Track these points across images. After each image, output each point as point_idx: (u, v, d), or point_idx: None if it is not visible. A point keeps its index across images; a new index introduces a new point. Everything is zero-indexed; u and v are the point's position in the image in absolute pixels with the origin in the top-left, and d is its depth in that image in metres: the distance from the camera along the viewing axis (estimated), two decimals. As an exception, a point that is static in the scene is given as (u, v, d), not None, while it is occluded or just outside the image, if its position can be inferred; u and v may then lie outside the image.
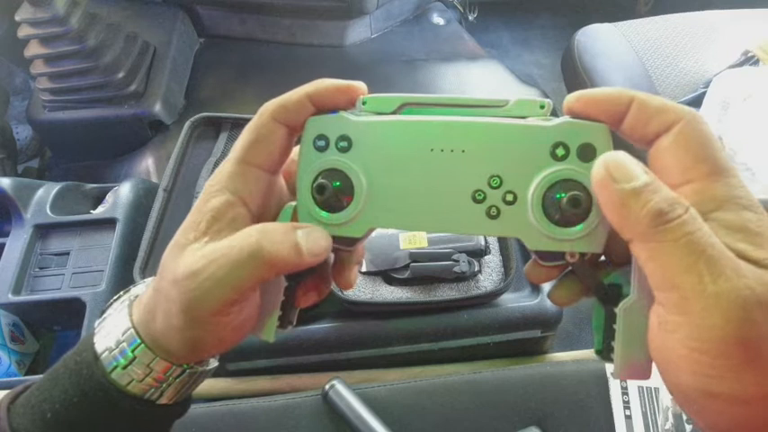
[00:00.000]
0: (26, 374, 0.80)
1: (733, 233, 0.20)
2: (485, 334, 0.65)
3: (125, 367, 0.26)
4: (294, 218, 0.26)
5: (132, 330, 0.26)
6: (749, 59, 0.86)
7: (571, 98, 0.24)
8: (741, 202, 0.21)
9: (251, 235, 0.24)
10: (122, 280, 0.76)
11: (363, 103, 0.26)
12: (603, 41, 1.00)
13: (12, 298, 0.74)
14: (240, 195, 0.25)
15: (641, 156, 0.22)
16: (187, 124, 0.79)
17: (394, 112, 0.26)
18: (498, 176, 0.24)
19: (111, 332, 0.27)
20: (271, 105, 0.25)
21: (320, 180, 0.25)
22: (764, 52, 0.84)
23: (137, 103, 1.18)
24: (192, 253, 0.24)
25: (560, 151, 0.23)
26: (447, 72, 1.34)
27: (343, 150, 0.25)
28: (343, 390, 0.57)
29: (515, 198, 0.24)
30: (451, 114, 0.25)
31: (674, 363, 0.20)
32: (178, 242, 0.25)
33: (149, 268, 0.67)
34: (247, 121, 0.26)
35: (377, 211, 0.25)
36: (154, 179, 1.13)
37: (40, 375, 0.29)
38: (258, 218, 0.26)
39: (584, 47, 1.01)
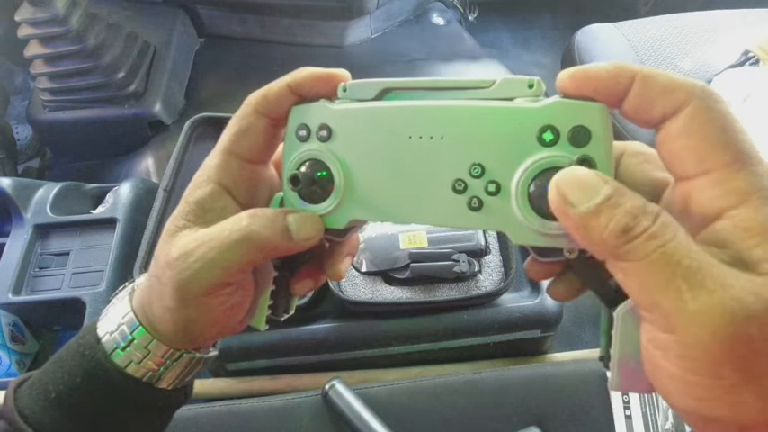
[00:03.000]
0: (26, 374, 0.80)
1: (751, 236, 0.17)
2: (485, 334, 0.65)
3: (124, 349, 0.27)
4: (283, 207, 0.26)
5: (132, 314, 0.27)
6: (749, 59, 0.86)
7: (563, 76, 0.21)
8: (765, 195, 0.17)
9: (242, 219, 0.24)
10: (122, 280, 0.76)
11: (344, 90, 0.25)
12: (603, 41, 1.00)
13: (12, 298, 0.74)
14: (225, 186, 0.25)
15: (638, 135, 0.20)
16: (187, 124, 0.79)
17: (375, 99, 0.24)
18: (480, 165, 0.22)
19: (112, 318, 0.27)
20: (253, 97, 0.26)
21: (293, 171, 0.25)
22: (764, 52, 0.84)
23: (137, 103, 1.18)
24: (184, 237, 0.25)
25: (549, 136, 0.20)
26: (447, 72, 1.34)
27: (323, 140, 0.25)
28: (343, 390, 0.57)
29: (498, 188, 0.22)
30: (433, 98, 0.23)
31: (666, 382, 0.18)
32: (169, 230, 0.26)
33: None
34: None
35: (356, 203, 0.25)
36: (154, 179, 1.13)
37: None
38: (247, 208, 0.26)
39: (584, 47, 1.01)
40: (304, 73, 0.25)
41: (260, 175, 0.27)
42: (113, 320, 0.27)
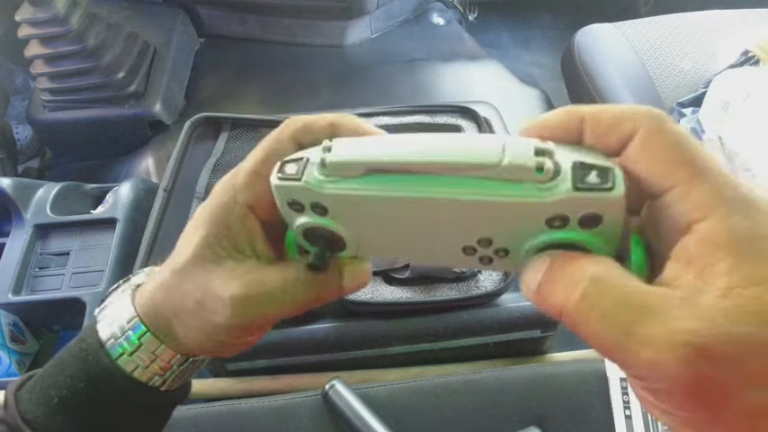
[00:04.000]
0: (26, 374, 0.81)
1: (714, 249, 0.17)
2: (485, 334, 0.65)
3: (131, 354, 0.26)
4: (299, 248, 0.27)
5: (137, 318, 0.27)
6: (749, 59, 0.86)
7: (521, 130, 0.22)
8: (729, 206, 0.17)
9: (304, 283, 0.25)
10: (122, 280, 0.76)
11: (323, 166, 0.22)
12: (603, 41, 1.00)
13: (12, 298, 0.74)
14: (252, 206, 0.25)
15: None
16: (187, 124, 0.79)
17: (363, 176, 0.22)
18: (488, 239, 0.22)
19: (114, 320, 0.27)
20: (293, 123, 0.25)
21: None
22: (764, 52, 0.84)
23: (137, 103, 1.19)
24: (233, 272, 0.25)
25: (557, 222, 0.20)
26: (447, 72, 1.34)
27: (321, 214, 0.24)
28: (343, 390, 0.57)
29: (508, 253, 0.23)
30: (430, 181, 0.21)
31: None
32: (206, 257, 0.25)
33: (149, 268, 0.67)
34: (248, 121, 0.27)
35: (371, 250, 0.26)
36: (154, 179, 1.13)
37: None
38: (267, 226, 0.26)
39: (584, 47, 1.01)
40: (348, 122, 0.25)
41: None
42: (116, 323, 0.27)
